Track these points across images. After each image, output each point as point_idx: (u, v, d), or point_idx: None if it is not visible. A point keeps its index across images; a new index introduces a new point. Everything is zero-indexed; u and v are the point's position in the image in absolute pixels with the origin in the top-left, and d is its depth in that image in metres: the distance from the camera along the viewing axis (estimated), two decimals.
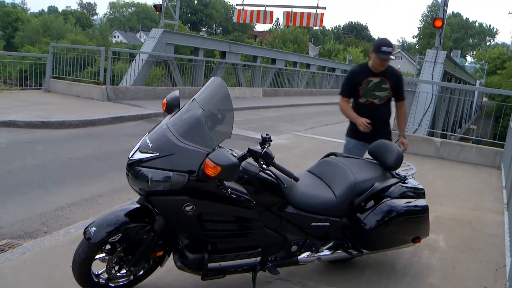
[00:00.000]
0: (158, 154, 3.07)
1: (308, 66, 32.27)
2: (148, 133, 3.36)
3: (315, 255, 3.77)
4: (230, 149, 3.35)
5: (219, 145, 3.22)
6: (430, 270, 4.47)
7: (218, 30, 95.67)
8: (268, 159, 3.11)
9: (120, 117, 11.66)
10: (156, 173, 3.03)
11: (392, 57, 4.82)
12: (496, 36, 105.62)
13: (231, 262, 3.34)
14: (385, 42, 4.84)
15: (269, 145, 3.18)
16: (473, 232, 5.67)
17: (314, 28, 76.70)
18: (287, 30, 63.06)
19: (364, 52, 68.03)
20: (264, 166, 3.19)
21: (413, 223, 4.05)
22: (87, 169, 7.28)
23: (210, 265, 3.25)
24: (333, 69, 36.90)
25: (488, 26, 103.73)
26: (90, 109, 12.15)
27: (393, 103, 5.28)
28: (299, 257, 3.69)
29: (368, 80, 4.94)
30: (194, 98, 3.37)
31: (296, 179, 3.30)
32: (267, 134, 3.20)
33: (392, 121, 5.72)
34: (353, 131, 5.08)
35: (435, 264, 4.60)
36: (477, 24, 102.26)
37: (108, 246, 3.26)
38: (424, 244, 4.78)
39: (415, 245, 4.24)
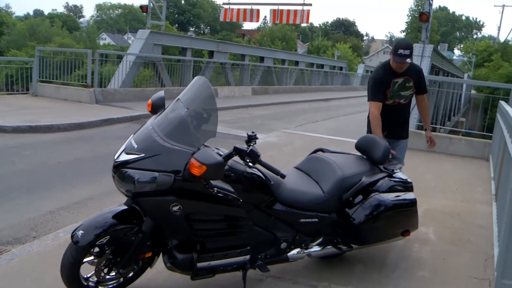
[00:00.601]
0: (143, 155, 3.06)
1: (297, 63, 32.36)
2: (134, 134, 3.35)
3: (305, 251, 3.78)
4: (216, 148, 3.35)
5: (205, 144, 3.22)
6: (420, 263, 4.49)
7: (206, 30, 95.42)
8: (254, 157, 3.10)
9: (109, 119, 11.60)
10: (142, 174, 3.02)
11: (408, 60, 4.63)
12: (482, 29, 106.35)
13: (221, 261, 3.34)
14: (402, 44, 4.67)
15: (255, 143, 3.17)
16: (463, 223, 5.70)
17: (302, 25, 76.94)
18: (275, 28, 63.15)
19: (352, 48, 68.20)
20: (251, 164, 3.18)
21: (401, 216, 4.07)
22: (77, 173, 7.24)
23: (200, 264, 3.24)
24: (322, 66, 36.96)
25: (475, 19, 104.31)
26: (78, 112, 12.09)
27: None
28: (289, 254, 3.69)
29: (394, 82, 4.85)
30: (178, 98, 3.37)
31: (283, 176, 3.29)
32: (252, 132, 3.20)
33: None
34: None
35: (426, 256, 4.62)
36: (463, 17, 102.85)
37: (96, 249, 3.24)
38: (415, 237, 4.82)
39: (405, 238, 4.26)
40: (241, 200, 3.23)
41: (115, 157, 3.22)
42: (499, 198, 5.95)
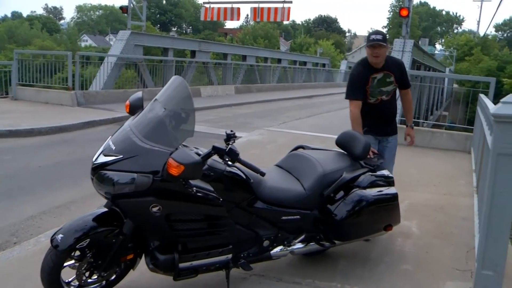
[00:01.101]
0: (122, 156, 3.05)
1: (279, 61, 32.36)
2: (112, 136, 3.33)
3: (288, 249, 3.78)
4: (196, 148, 3.36)
5: (184, 144, 3.21)
6: (404, 256, 4.51)
7: (189, 30, 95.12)
8: (233, 155, 3.11)
9: (91, 121, 11.49)
10: (120, 176, 3.01)
11: (383, 43, 4.52)
12: (462, 23, 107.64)
13: (203, 261, 3.33)
14: (374, 31, 4.64)
15: (234, 142, 3.18)
16: (445, 216, 5.75)
17: (284, 22, 76.93)
18: (257, 26, 63.05)
19: (335, 45, 68.37)
20: (230, 162, 3.18)
21: (383, 211, 4.08)
22: (59, 176, 7.17)
23: (182, 265, 3.23)
24: (305, 63, 37.02)
25: (455, 14, 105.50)
26: (60, 115, 11.96)
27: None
28: (271, 252, 3.69)
29: (372, 77, 4.69)
30: (156, 98, 3.36)
31: (263, 174, 3.30)
32: (231, 131, 3.21)
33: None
34: (363, 127, 4.78)
35: (409, 250, 4.65)
36: (444, 12, 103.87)
37: (77, 253, 3.20)
38: (398, 231, 4.84)
39: (388, 232, 4.29)
40: (221, 199, 3.23)
41: (93, 159, 3.21)
42: (480, 190, 6.01)
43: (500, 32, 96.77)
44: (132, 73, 19.41)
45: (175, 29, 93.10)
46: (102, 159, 3.13)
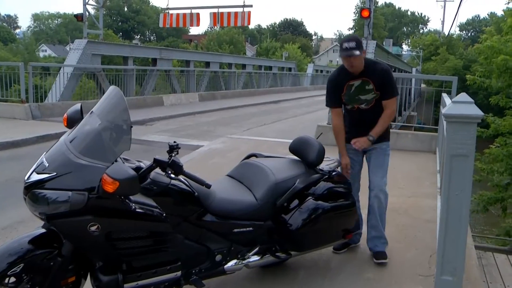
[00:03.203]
0: (55, 174, 2.84)
1: (244, 66, 32.20)
2: (46, 152, 3.11)
3: (243, 262, 3.61)
4: (139, 161, 3.18)
5: (125, 158, 3.04)
6: (366, 264, 4.39)
7: (152, 37, 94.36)
8: (176, 168, 2.95)
9: (46, 135, 10.94)
10: (54, 195, 2.81)
11: (356, 52, 4.04)
12: (428, 23, 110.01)
13: (150, 279, 3.14)
14: (346, 38, 4.17)
15: (177, 153, 3.02)
16: (410, 220, 5.68)
17: (250, 27, 77.16)
18: (222, 31, 62.93)
19: (301, 48, 68.77)
20: (173, 175, 3.00)
21: (341, 218, 3.97)
22: (8, 195, 6.81)
23: (127, 285, 3.04)
24: (270, 68, 36.93)
25: (420, 14, 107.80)
26: (12, 129, 11.47)
27: None
28: (225, 266, 3.52)
29: (349, 84, 4.30)
30: (92, 111, 3.15)
31: (208, 186, 3.13)
32: (174, 142, 3.05)
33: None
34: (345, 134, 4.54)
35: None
36: (409, 13, 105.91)
37: (12, 279, 2.95)
38: (361, 238, 4.70)
39: (347, 240, 4.17)
40: (164, 214, 3.05)
41: (25, 177, 2.99)
42: (443, 190, 5.95)
43: (464, 32, 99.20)
44: (93, 83, 18.97)
45: (138, 36, 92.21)
46: (35, 177, 2.92)
